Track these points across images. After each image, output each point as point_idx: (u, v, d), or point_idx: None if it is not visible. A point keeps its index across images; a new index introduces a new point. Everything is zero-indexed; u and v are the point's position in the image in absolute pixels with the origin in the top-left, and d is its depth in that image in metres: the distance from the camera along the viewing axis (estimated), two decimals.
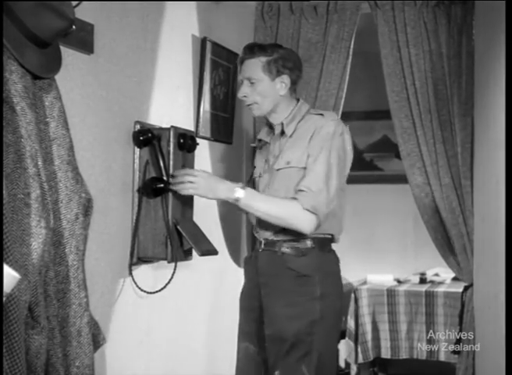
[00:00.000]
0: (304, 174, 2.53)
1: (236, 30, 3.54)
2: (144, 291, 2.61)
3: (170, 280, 2.60)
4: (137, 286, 2.58)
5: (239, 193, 2.50)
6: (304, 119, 2.66)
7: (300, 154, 2.58)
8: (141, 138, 2.54)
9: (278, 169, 2.63)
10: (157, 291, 2.63)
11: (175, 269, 2.57)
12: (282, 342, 2.57)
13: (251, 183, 2.84)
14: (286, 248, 2.61)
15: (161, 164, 2.54)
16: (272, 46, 2.68)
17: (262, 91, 2.62)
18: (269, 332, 2.61)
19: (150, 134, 2.55)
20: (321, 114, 2.67)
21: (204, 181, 2.50)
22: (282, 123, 2.69)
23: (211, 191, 2.52)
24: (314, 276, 2.57)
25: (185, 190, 2.49)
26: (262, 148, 2.84)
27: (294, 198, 2.50)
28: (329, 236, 2.66)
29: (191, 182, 2.48)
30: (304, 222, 2.50)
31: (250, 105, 2.69)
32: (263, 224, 2.64)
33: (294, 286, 2.58)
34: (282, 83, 2.64)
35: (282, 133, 2.69)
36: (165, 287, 2.62)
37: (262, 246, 2.69)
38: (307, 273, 2.57)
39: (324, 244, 2.63)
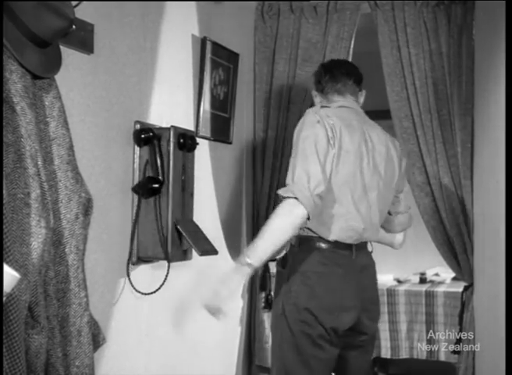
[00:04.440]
0: None
1: (236, 30, 3.54)
2: (139, 292, 2.60)
3: (164, 281, 2.62)
4: (133, 287, 2.58)
5: (246, 265, 2.25)
6: None
7: None
8: (142, 136, 2.55)
9: None
10: (152, 292, 2.64)
11: (168, 269, 2.59)
12: None
13: None
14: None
15: (159, 164, 2.55)
16: None
17: None
18: None
19: (151, 133, 2.55)
20: None
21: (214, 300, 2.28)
22: None
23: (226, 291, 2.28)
24: (285, 272, 2.45)
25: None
26: None
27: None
28: (315, 235, 2.43)
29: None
30: (288, 212, 2.24)
31: None
32: None
33: (275, 282, 2.56)
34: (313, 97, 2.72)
35: None
36: (159, 288, 2.63)
37: None
38: (280, 269, 2.50)
39: (304, 243, 2.44)
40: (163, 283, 2.62)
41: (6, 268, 1.45)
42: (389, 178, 2.56)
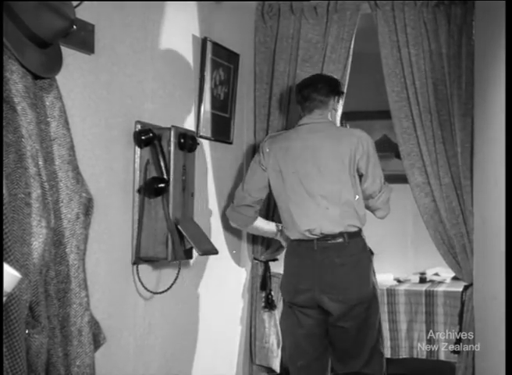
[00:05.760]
0: None
1: (237, 30, 3.54)
2: (150, 292, 2.62)
3: (175, 280, 2.63)
4: (143, 286, 2.60)
5: None
6: None
7: None
8: (143, 138, 2.55)
9: None
10: (162, 292, 2.65)
11: (179, 270, 2.59)
12: None
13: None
14: None
15: (162, 164, 2.56)
16: None
17: None
18: None
19: (151, 134, 2.56)
20: None
21: None
22: None
23: None
24: None
25: None
26: None
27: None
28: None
29: None
30: None
31: None
32: None
33: None
34: None
35: None
36: (170, 287, 2.64)
37: None
38: None
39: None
40: (173, 283, 2.65)
41: (7, 268, 1.45)
42: (339, 174, 2.95)
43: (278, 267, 3.91)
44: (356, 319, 2.97)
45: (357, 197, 2.98)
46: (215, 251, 2.86)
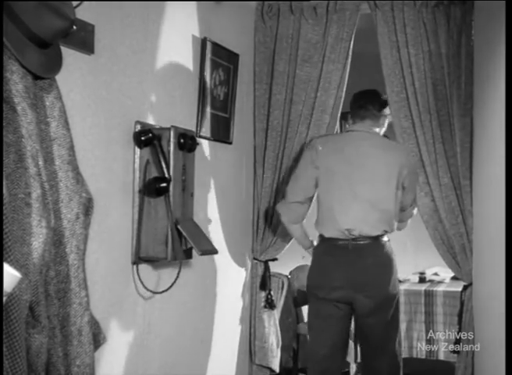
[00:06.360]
0: None
1: (236, 30, 3.55)
2: (151, 291, 2.62)
3: (175, 280, 2.62)
4: (144, 285, 2.60)
5: None
6: None
7: None
8: (142, 138, 2.56)
9: None
10: (162, 291, 2.65)
11: (179, 269, 2.59)
12: None
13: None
14: None
15: (163, 164, 2.56)
16: None
17: None
18: None
19: (151, 134, 2.56)
20: None
21: None
22: None
23: None
24: None
25: None
26: None
27: None
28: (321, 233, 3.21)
29: None
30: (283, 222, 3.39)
31: None
32: None
33: None
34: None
35: None
36: (170, 287, 2.64)
37: None
38: None
39: (320, 238, 3.21)
40: (174, 282, 2.64)
41: (7, 268, 1.46)
42: (386, 182, 3.10)
43: (278, 267, 3.92)
44: (383, 316, 3.10)
45: (396, 207, 3.15)
46: (214, 251, 2.86)
